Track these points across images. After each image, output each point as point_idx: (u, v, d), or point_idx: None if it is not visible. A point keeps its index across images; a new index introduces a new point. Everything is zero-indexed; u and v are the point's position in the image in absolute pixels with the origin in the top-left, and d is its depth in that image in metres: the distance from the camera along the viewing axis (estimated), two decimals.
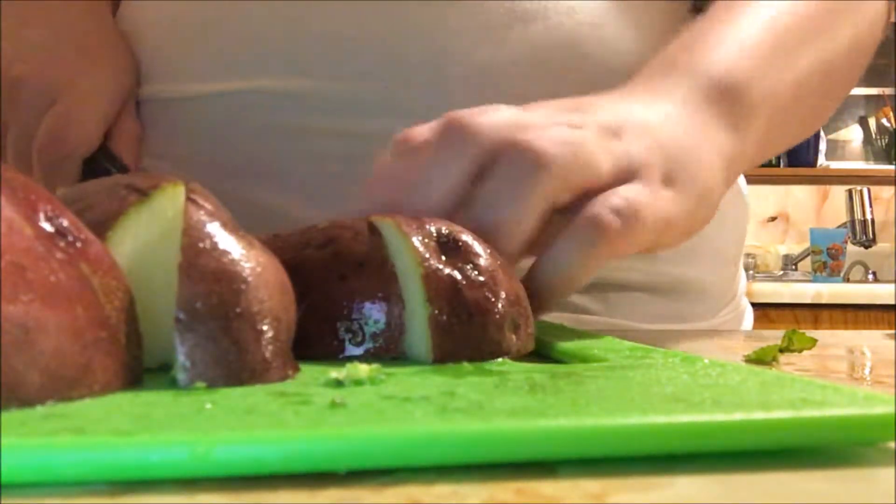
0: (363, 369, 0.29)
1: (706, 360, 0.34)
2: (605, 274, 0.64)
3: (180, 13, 0.65)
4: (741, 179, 0.75)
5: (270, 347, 0.30)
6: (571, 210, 0.43)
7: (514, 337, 0.37)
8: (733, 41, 0.54)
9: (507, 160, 0.42)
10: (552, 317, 0.50)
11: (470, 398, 0.26)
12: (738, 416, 0.23)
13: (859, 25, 0.63)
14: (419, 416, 0.23)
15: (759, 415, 0.23)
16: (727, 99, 0.51)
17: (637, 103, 0.49)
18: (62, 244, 0.27)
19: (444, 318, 0.35)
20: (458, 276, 0.36)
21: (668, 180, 0.46)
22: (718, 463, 0.22)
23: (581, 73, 0.61)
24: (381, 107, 0.60)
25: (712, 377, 0.30)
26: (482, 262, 0.37)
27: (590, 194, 0.43)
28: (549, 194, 0.42)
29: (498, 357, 0.36)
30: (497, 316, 0.36)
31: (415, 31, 0.60)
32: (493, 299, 0.36)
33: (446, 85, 0.59)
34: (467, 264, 0.36)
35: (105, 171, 0.61)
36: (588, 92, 0.50)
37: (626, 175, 0.45)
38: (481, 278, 0.36)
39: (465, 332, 0.35)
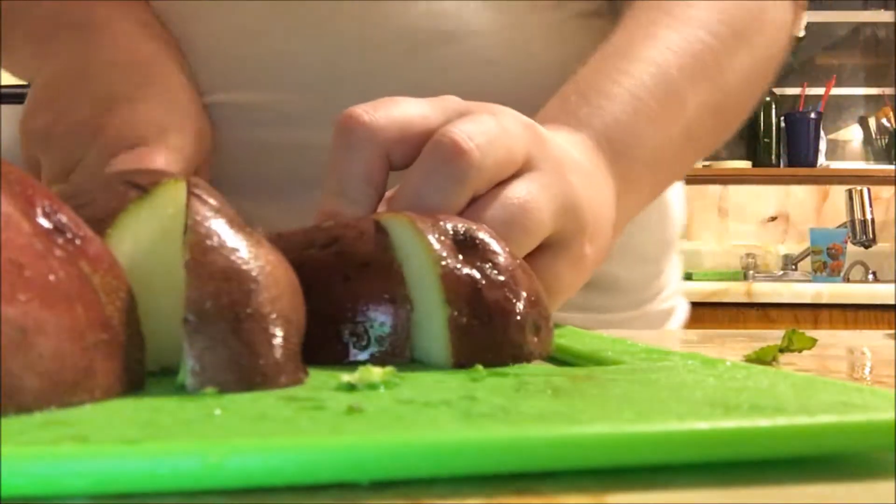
0: (376, 372, 0.28)
1: (728, 363, 0.33)
2: None
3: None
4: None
5: (282, 350, 0.28)
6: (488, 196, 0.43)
7: (535, 339, 0.35)
8: (626, 93, 0.56)
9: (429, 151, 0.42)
10: None
11: (493, 402, 0.25)
12: (781, 421, 0.22)
13: (756, 52, 0.64)
14: (444, 422, 0.22)
15: (803, 420, 0.22)
16: (619, 156, 0.54)
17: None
18: (61, 241, 0.26)
19: (464, 319, 0.33)
20: (478, 276, 0.34)
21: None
22: (718, 463, 0.22)
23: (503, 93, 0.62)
24: (322, 118, 0.62)
25: (739, 380, 0.29)
26: (501, 260, 0.35)
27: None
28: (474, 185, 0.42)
29: (519, 361, 0.34)
30: (518, 317, 0.34)
31: (347, 48, 0.64)
32: (513, 300, 0.34)
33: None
34: (486, 263, 0.35)
35: None
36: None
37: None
38: (501, 278, 0.34)
39: (486, 335, 0.33)
